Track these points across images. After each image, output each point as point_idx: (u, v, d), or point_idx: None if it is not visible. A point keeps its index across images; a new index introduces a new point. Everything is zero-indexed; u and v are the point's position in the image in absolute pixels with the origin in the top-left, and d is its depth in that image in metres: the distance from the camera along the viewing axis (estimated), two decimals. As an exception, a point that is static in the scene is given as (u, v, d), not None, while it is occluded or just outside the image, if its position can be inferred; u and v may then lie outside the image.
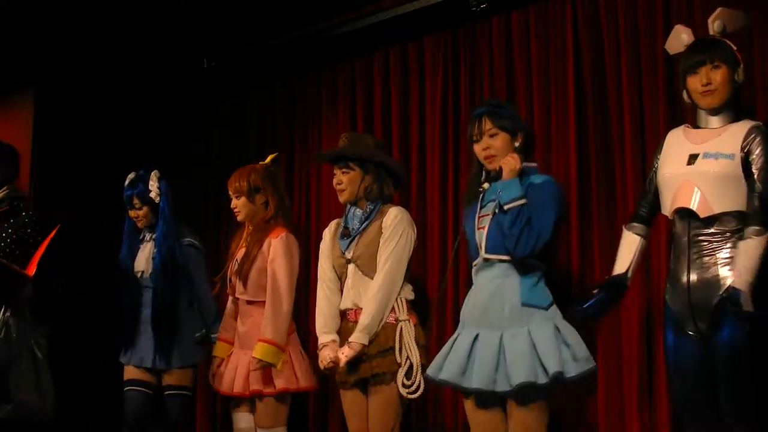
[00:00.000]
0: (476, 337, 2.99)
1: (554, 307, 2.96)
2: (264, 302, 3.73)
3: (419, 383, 3.29)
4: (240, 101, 5.38)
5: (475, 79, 4.21)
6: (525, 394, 2.87)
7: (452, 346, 3.06)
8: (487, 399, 3.00)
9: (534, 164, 3.13)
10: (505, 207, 2.94)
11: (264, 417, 3.71)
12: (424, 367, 3.28)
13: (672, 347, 2.89)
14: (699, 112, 2.94)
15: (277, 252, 3.72)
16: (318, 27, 4.68)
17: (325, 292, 3.54)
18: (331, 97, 4.87)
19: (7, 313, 3.82)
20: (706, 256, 2.80)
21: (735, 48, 2.90)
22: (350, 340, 3.35)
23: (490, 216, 3.01)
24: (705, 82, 2.86)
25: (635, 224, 3.09)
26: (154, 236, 4.12)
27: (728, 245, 2.78)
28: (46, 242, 3.96)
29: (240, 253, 3.82)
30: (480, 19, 4.18)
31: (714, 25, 2.92)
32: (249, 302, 3.78)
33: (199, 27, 4.90)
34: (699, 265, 2.81)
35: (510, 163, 3.02)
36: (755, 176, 2.75)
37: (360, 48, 4.69)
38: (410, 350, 3.33)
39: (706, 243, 2.81)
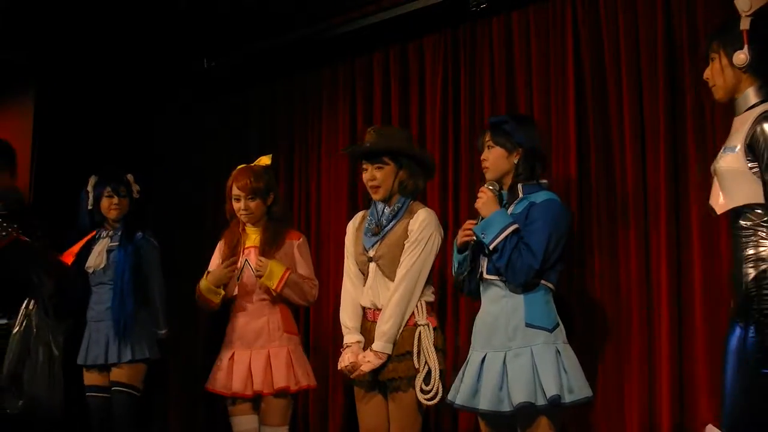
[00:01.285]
0: (484, 359, 3.00)
1: (558, 329, 2.97)
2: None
3: (438, 389, 3.22)
4: (240, 101, 5.38)
5: (475, 79, 4.20)
6: (528, 417, 2.87)
7: (465, 370, 3.07)
8: (497, 422, 3.01)
9: (534, 182, 3.10)
10: (491, 246, 2.96)
11: (274, 414, 3.69)
12: (442, 373, 3.25)
13: (729, 336, 2.63)
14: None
15: (303, 256, 3.81)
16: (318, 27, 4.67)
17: (349, 288, 3.48)
18: (331, 97, 4.86)
19: (30, 307, 3.83)
20: (738, 253, 2.64)
21: (744, 26, 2.57)
22: (374, 349, 3.28)
23: None
24: (705, 78, 2.73)
25: None
26: (111, 233, 4.28)
27: (751, 242, 2.58)
28: (82, 242, 4.06)
29: (249, 253, 3.78)
30: (480, 19, 4.18)
31: (738, 5, 2.60)
32: (263, 300, 3.76)
33: (199, 27, 4.90)
34: (735, 262, 2.65)
35: (479, 201, 3.06)
36: (762, 167, 2.53)
37: (360, 48, 4.68)
38: (428, 355, 3.25)
39: (738, 240, 2.64)
